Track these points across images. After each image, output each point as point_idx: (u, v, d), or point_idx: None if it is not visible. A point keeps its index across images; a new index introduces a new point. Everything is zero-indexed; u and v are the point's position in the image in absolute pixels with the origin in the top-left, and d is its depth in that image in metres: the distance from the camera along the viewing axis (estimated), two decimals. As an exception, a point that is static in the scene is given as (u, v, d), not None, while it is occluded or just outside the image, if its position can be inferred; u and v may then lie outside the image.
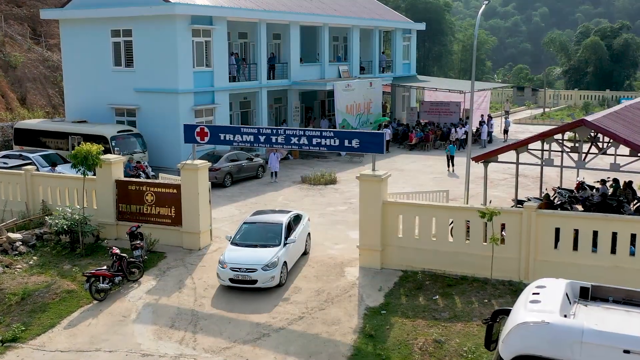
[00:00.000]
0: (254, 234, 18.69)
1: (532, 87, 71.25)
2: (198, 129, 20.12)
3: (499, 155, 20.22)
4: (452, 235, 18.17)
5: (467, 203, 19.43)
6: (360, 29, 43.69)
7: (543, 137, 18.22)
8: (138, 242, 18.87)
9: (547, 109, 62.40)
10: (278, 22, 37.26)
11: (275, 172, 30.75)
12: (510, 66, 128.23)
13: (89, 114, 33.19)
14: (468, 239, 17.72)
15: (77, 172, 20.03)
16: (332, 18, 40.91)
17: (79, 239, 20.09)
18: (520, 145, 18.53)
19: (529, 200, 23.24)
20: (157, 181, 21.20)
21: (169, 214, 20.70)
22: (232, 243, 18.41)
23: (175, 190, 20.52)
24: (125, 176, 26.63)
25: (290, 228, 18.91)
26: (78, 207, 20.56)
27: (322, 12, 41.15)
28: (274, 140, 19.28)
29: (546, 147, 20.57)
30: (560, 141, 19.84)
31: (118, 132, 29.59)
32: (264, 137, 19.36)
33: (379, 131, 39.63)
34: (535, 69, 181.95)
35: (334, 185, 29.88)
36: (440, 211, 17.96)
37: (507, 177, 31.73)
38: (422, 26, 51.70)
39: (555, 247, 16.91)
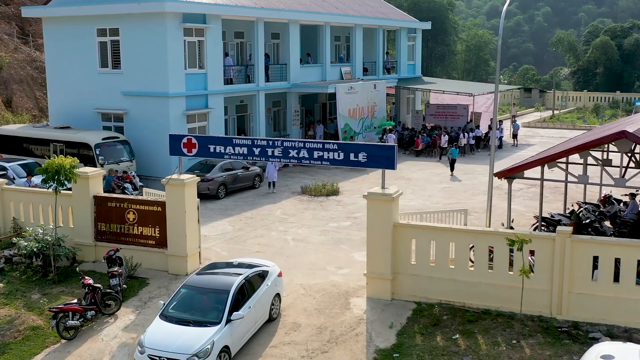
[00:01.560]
0: (191, 304, 14.14)
1: (540, 88, 68.95)
2: (185, 140, 17.91)
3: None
4: (472, 261, 15.98)
5: (489, 224, 17.27)
6: (363, 28, 41.47)
7: (577, 150, 15.99)
8: (116, 269, 16.65)
9: (556, 111, 60.18)
10: (276, 20, 35.05)
11: (273, 182, 28.54)
12: (514, 67, 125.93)
13: (73, 118, 30.96)
14: (491, 267, 15.52)
15: (48, 188, 17.77)
16: (334, 16, 38.68)
17: (53, 262, 17.89)
18: (550, 160, 16.30)
19: (552, 217, 21.04)
20: (139, 198, 18.99)
21: (153, 234, 18.48)
22: (161, 315, 13.91)
23: (159, 208, 18.31)
24: (106, 190, 24.57)
25: (243, 294, 14.25)
26: (51, 226, 18.32)
27: (324, 10, 38.92)
28: (270, 153, 17.07)
29: (572, 159, 18.35)
30: (600, 158, 17.54)
31: (103, 139, 27.37)
32: (258, 149, 17.16)
33: (384, 141, 37.64)
34: (538, 69, 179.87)
35: (337, 197, 27.66)
36: (460, 235, 15.73)
37: (523, 187, 29.53)
38: (427, 25, 49.53)
39: (593, 277, 14.70)
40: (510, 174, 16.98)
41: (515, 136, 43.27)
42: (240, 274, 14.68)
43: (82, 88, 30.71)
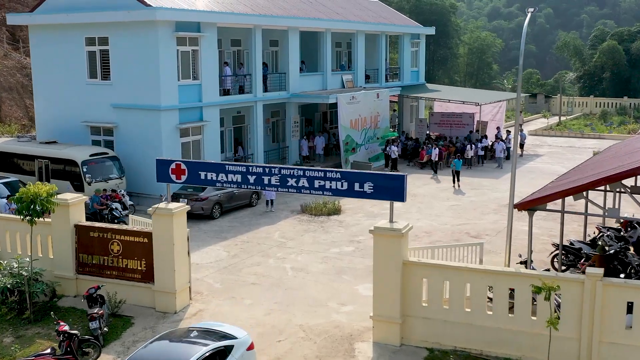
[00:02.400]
0: None
1: (545, 94, 67.40)
2: (173, 166, 16.35)
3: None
4: (490, 299, 14.43)
5: (508, 262, 15.71)
6: (365, 34, 39.91)
7: (608, 181, 14.41)
8: (96, 310, 15.07)
9: (562, 117, 58.60)
10: (275, 27, 33.50)
11: (271, 201, 26.99)
12: (517, 70, 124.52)
13: (61, 132, 29.40)
14: (512, 312, 13.96)
15: (23, 219, 16.19)
16: (335, 23, 37.13)
17: (28, 299, 16.32)
18: (577, 192, 14.72)
19: (572, 245, 19.46)
20: (123, 228, 17.44)
21: (139, 267, 16.92)
22: None
23: (146, 240, 16.75)
24: (92, 212, 23.06)
25: None
26: (27, 260, 16.75)
27: (324, 17, 37.38)
28: (266, 182, 15.51)
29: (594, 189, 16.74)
30: (629, 185, 15.92)
31: (91, 155, 25.80)
32: (254, 177, 15.60)
33: (387, 153, 36.09)
34: (540, 71, 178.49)
35: (338, 216, 26.10)
36: (477, 276, 14.16)
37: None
38: (431, 30, 48.00)
39: (628, 326, 13.14)
40: (532, 206, 15.37)
41: (521, 146, 41.71)
42: (194, 355, 11.53)
43: (70, 100, 29.14)
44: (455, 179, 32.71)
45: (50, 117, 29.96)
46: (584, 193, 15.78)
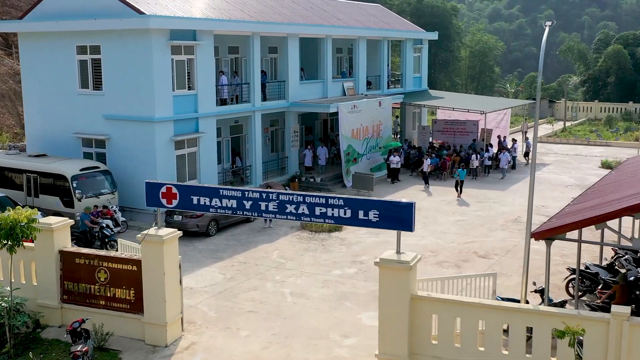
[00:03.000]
0: None
1: (549, 98, 66.30)
2: (164, 189, 15.26)
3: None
4: (506, 331, 13.34)
5: (525, 295, 14.61)
6: (367, 40, 38.81)
7: (632, 211, 13.24)
8: (79, 347, 13.98)
9: (567, 123, 57.46)
10: (274, 34, 32.43)
11: (270, 216, 25.83)
12: (520, 73, 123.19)
13: (51, 143, 28.32)
14: (529, 352, 12.87)
15: (1, 247, 15.09)
16: (336, 29, 36.05)
17: (8, 332, 15.23)
18: (599, 221, 13.60)
19: (588, 269, 18.35)
20: (111, 254, 16.34)
21: (127, 297, 15.84)
22: None
23: (134, 268, 15.67)
24: (81, 230, 22.00)
25: None
26: (8, 289, 15.66)
27: (325, 22, 36.29)
28: (263, 208, 14.43)
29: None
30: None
31: (81, 169, 24.69)
32: (250, 202, 14.51)
33: (388, 163, 34.98)
34: (542, 74, 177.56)
35: (340, 233, 25.01)
36: (491, 313, 13.07)
37: (542, 218, 26.60)
38: (434, 35, 46.87)
39: (657, 370, 12.05)
40: (550, 235, 14.25)
41: (527, 154, 40.61)
42: None
43: (61, 110, 28.06)
44: (459, 189, 31.74)
45: (40, 128, 28.88)
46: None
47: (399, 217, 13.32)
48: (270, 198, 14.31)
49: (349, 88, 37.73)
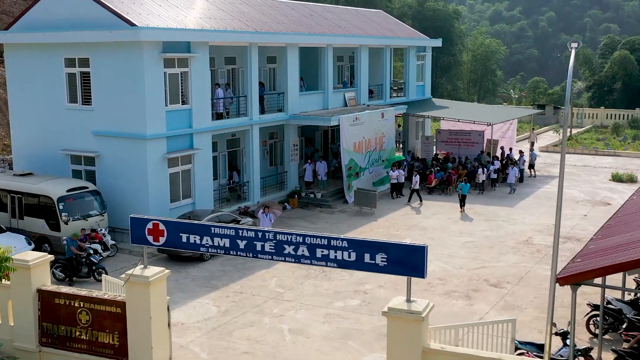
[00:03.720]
0: None
1: (554, 104, 64.96)
2: (150, 225, 13.92)
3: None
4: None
5: (549, 347, 13.19)
6: (369, 48, 37.49)
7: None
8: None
9: (573, 130, 56.05)
10: (273, 44, 31.12)
11: (268, 238, 24.48)
12: (523, 77, 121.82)
13: (39, 160, 27.01)
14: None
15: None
16: (337, 38, 34.72)
17: (-20, 381, 13.93)
18: (631, 268, 12.24)
19: (609, 304, 16.98)
20: (94, 295, 14.97)
21: (111, 341, 14.48)
22: None
23: (119, 310, 14.31)
24: (68, 257, 20.71)
25: None
26: (-20, 333, 14.34)
27: (326, 31, 34.96)
28: (259, 248, 13.12)
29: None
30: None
31: (68, 190, 23.32)
32: (244, 242, 13.19)
33: (391, 177, 33.63)
34: (543, 75, 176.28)
35: (342, 257, 23.59)
36: (513, 370, 11.73)
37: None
38: (438, 42, 45.61)
39: None
40: (577, 281, 12.87)
41: (532, 166, 39.19)
42: None
43: (48, 125, 26.73)
44: (462, 204, 30.54)
45: (27, 144, 27.56)
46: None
47: (410, 262, 12.00)
48: (267, 238, 12.98)
49: (350, 98, 36.40)
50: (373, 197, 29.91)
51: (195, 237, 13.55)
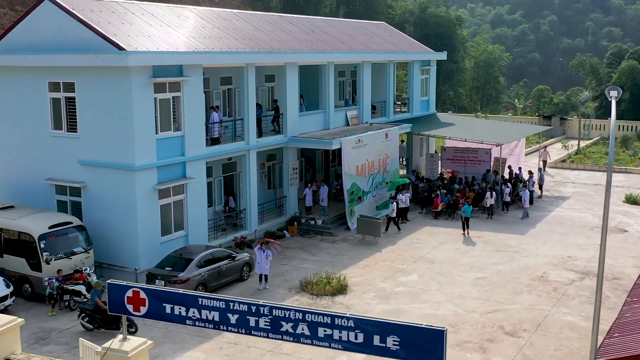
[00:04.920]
0: None
1: (560, 116, 63.36)
2: (130, 293, 12.29)
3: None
4: None
5: None
6: (372, 64, 35.91)
7: None
8: None
9: (581, 143, 54.38)
10: (271, 64, 29.54)
11: (265, 276, 22.93)
12: (526, 84, 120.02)
13: (22, 190, 25.43)
14: None
15: None
16: (338, 55, 33.12)
17: None
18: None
19: None
20: (67, 368, 13.39)
21: (87, 421, 12.88)
22: None
23: (95, 386, 12.70)
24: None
25: None
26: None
27: (327, 47, 33.37)
28: (252, 324, 11.48)
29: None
30: None
31: (50, 227, 21.68)
32: (236, 316, 11.57)
33: (396, 201, 32.03)
34: (544, 80, 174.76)
35: (344, 297, 22.05)
36: None
37: (571, 274, 23.58)
38: (442, 55, 44.06)
39: None
40: (619, 366, 11.24)
41: (540, 187, 37.54)
42: None
43: (32, 153, 25.14)
44: (465, 226, 29.39)
45: (8, 172, 25.96)
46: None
47: (426, 348, 10.35)
48: (262, 312, 11.35)
49: (352, 117, 34.79)
50: (377, 226, 28.28)
51: (180, 309, 11.94)
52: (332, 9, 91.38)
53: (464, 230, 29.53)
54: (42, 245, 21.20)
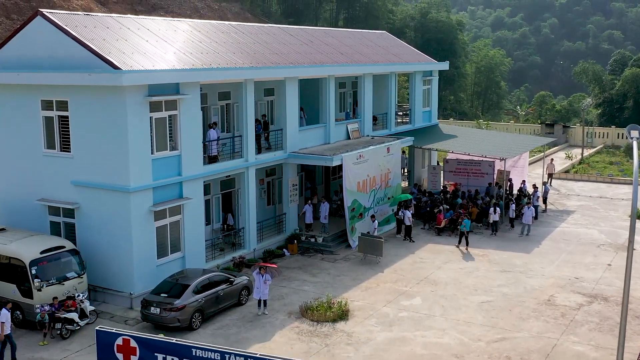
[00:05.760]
0: None
1: (563, 124, 62.70)
2: (120, 341, 11.65)
3: None
4: None
5: None
6: (373, 75, 35.24)
7: None
8: None
9: (585, 152, 53.67)
10: (270, 79, 28.87)
11: (264, 301, 22.22)
12: (527, 89, 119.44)
13: (14, 211, 24.76)
14: None
15: None
16: (339, 68, 32.42)
17: None
18: None
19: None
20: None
21: None
22: None
23: None
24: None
25: None
26: None
27: (327, 59, 32.69)
28: (249, 378, 10.82)
29: None
30: None
31: (42, 252, 20.96)
32: (232, 369, 10.89)
33: (399, 217, 31.35)
34: (545, 83, 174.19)
35: (346, 324, 21.33)
36: None
37: (578, 297, 22.83)
38: (445, 66, 43.42)
39: None
40: None
41: (544, 200, 36.86)
42: None
43: (24, 172, 24.45)
44: (464, 241, 29.19)
45: (1, 192, 25.25)
46: None
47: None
48: (259, 366, 10.69)
49: (353, 130, 34.12)
50: (379, 245, 27.59)
51: (173, 359, 11.26)
52: (333, 14, 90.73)
53: (459, 243, 29.23)
54: (34, 272, 20.49)
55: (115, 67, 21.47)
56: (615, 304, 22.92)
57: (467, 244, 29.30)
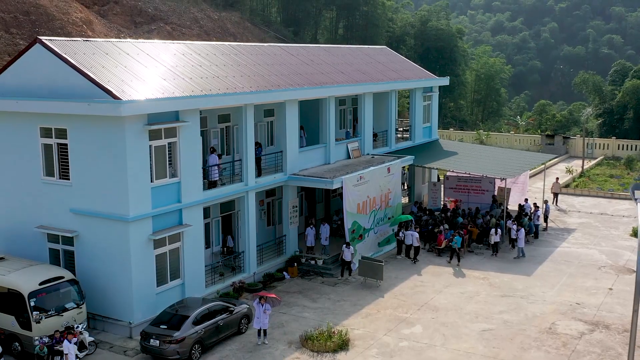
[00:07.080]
0: None
1: (563, 135, 62.60)
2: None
3: None
4: None
5: None
6: (373, 93, 35.17)
7: None
8: None
9: (585, 164, 53.54)
10: (271, 102, 28.78)
11: (264, 330, 22.11)
12: (527, 96, 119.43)
13: (13, 239, 24.65)
14: None
15: None
16: (339, 89, 32.32)
17: None
18: None
19: None
20: None
21: None
22: None
23: None
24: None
25: None
26: None
27: (327, 80, 32.59)
28: None
29: None
30: None
31: (41, 283, 20.85)
32: None
33: (401, 238, 31.27)
34: (545, 88, 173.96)
35: (347, 355, 21.22)
36: None
37: (580, 325, 22.72)
38: (445, 81, 43.28)
39: None
40: None
41: (546, 219, 36.71)
42: None
43: (23, 200, 24.34)
44: (455, 257, 29.70)
45: (0, 219, 25.15)
46: None
47: None
48: None
49: (353, 149, 34.03)
50: (379, 269, 27.48)
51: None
52: (333, 22, 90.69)
53: (450, 260, 29.82)
54: (32, 304, 20.38)
55: (115, 97, 21.37)
56: (616, 332, 22.83)
57: (458, 261, 29.48)
